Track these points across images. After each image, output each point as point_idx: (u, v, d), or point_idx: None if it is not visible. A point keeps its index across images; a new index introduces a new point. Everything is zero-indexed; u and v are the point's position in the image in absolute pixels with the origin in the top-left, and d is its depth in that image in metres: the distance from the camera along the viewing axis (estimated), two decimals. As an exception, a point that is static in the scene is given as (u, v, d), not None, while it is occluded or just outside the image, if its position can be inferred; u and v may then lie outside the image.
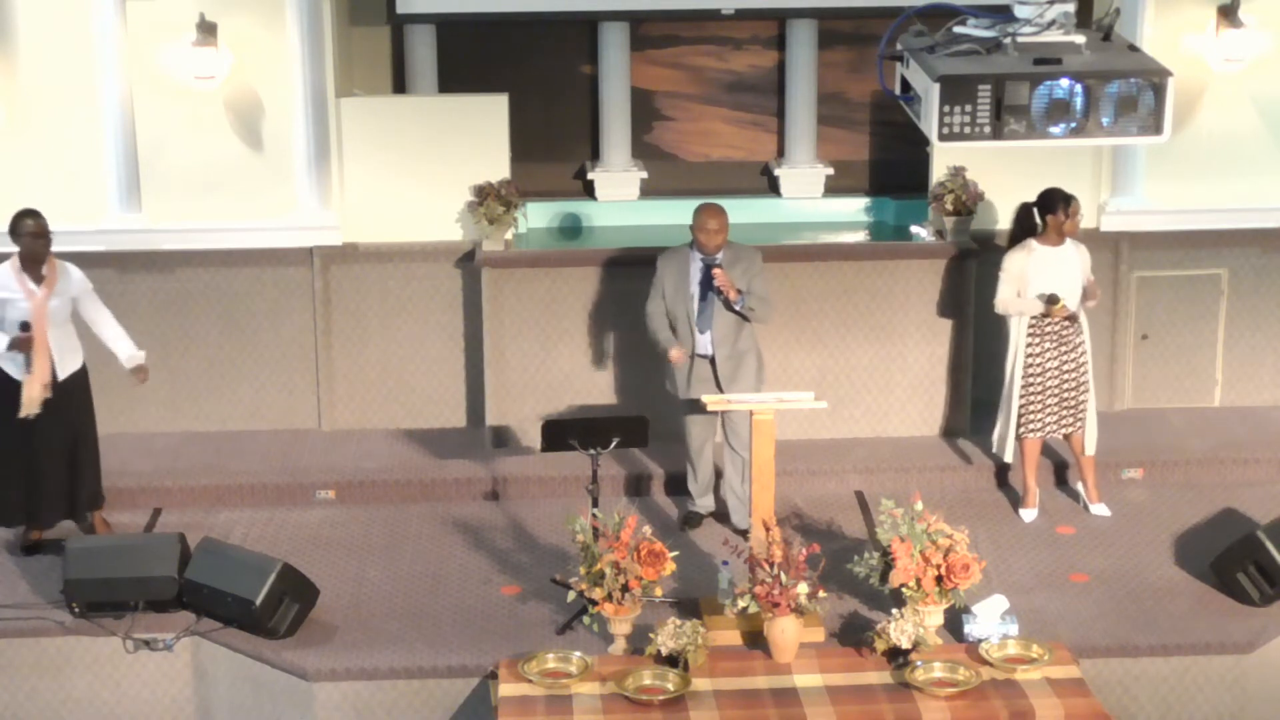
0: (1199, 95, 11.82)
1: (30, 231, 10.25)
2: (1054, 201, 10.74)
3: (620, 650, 9.50)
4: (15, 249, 10.35)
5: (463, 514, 11.25)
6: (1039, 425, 10.88)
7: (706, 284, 10.49)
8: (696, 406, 10.45)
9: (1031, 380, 10.82)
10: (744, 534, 10.27)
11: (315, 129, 11.69)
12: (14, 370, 10.32)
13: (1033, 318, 10.78)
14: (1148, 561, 10.56)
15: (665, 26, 12.82)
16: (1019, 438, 10.95)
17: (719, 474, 10.93)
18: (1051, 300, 10.66)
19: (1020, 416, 10.89)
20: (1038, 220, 10.83)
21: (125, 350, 10.59)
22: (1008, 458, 11.02)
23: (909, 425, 11.93)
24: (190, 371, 11.98)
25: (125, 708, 9.92)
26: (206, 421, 12.05)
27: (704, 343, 10.56)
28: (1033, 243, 10.81)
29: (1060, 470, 11.45)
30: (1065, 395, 10.84)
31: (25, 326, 10.23)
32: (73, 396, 10.49)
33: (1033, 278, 10.74)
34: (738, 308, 10.42)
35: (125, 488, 11.11)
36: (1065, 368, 10.81)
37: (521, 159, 12.19)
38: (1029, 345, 10.80)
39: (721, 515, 10.94)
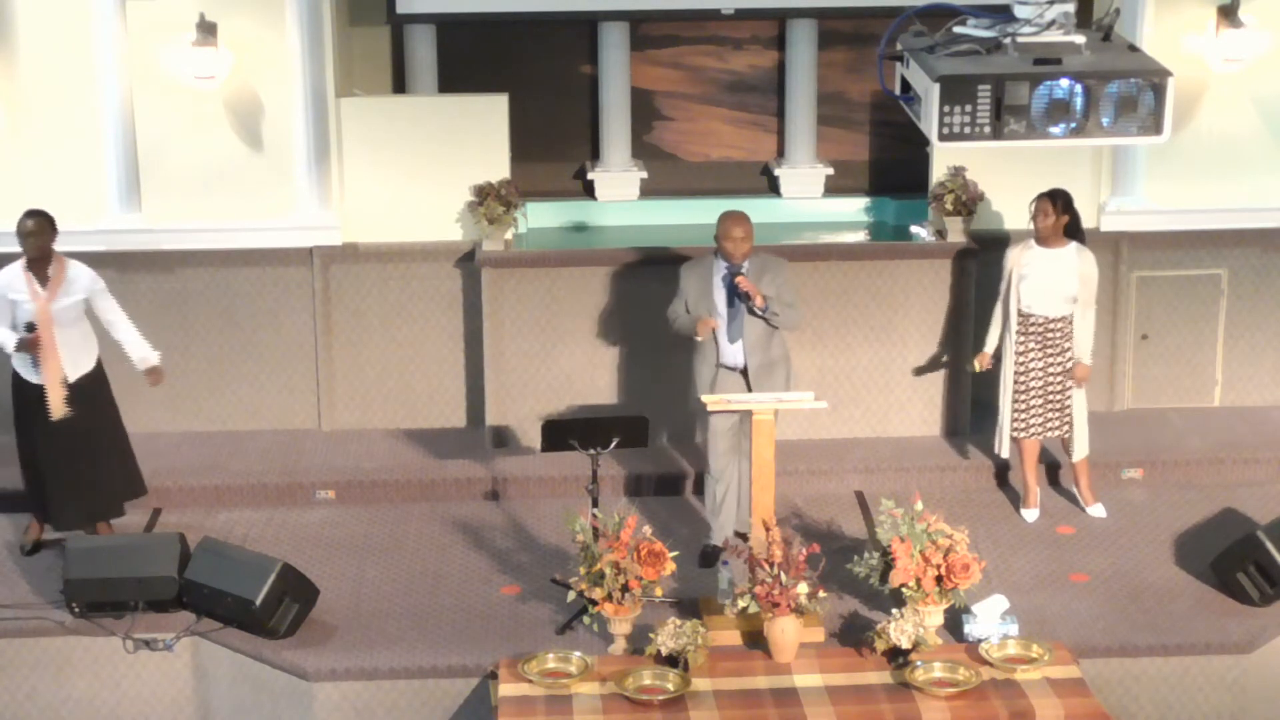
0: (1199, 95, 11.82)
1: (25, 231, 10.22)
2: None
3: (620, 650, 9.50)
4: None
5: (463, 514, 11.25)
6: (1025, 426, 10.88)
7: (733, 292, 10.25)
8: (722, 426, 10.30)
9: (1018, 380, 10.83)
10: (743, 537, 10.21)
11: (315, 129, 11.69)
12: (26, 372, 10.33)
13: (1020, 316, 10.75)
14: (1148, 561, 10.56)
15: (665, 26, 12.82)
16: (1014, 438, 10.95)
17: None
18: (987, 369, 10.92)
19: (1013, 416, 10.89)
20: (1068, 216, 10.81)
21: (138, 353, 10.55)
22: (1004, 454, 11.02)
23: (909, 425, 11.93)
24: (190, 371, 11.97)
25: (125, 708, 9.92)
26: (206, 421, 12.06)
27: (734, 353, 10.30)
28: (1032, 240, 10.80)
29: (1054, 471, 11.44)
30: (1050, 397, 10.83)
31: (30, 328, 10.22)
32: (85, 398, 10.43)
33: (1024, 275, 10.71)
34: (762, 313, 10.24)
35: (125, 488, 11.11)
36: (1051, 369, 10.80)
37: (521, 159, 12.18)
38: (1018, 345, 10.79)
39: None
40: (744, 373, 10.33)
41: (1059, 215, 10.70)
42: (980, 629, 9.54)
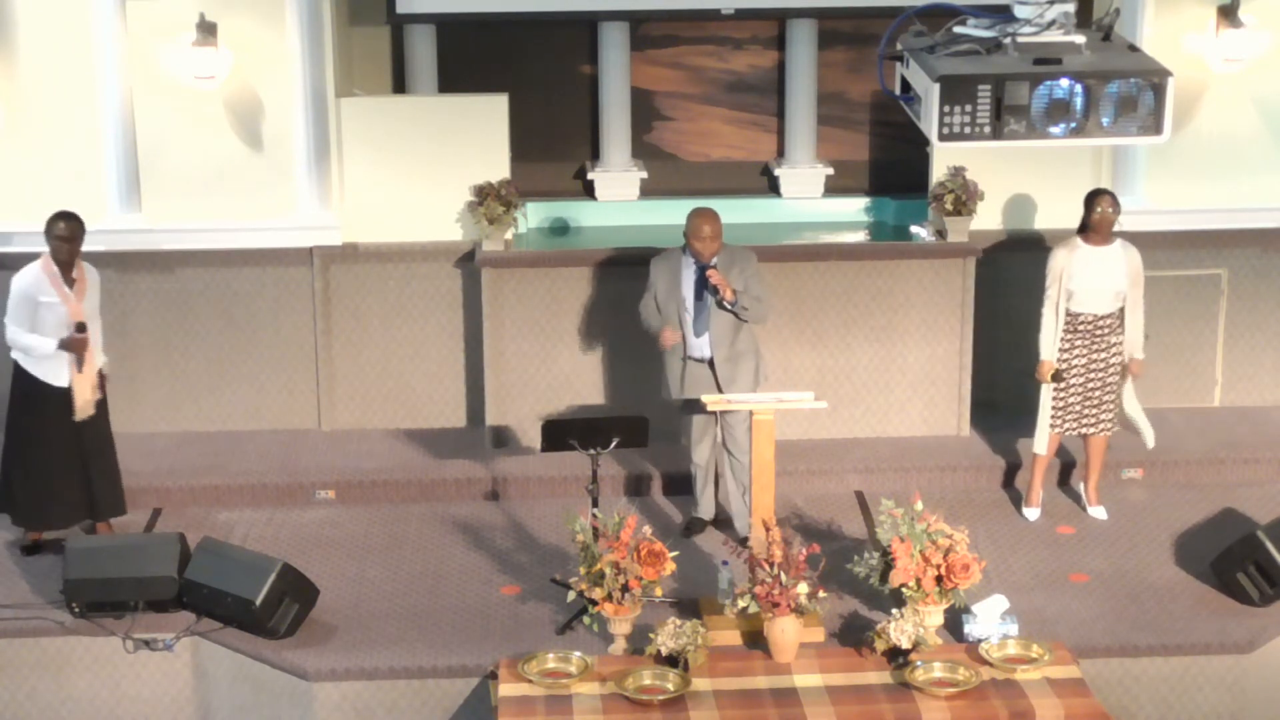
0: (1199, 95, 11.82)
1: (57, 235, 10.28)
2: (1088, 197, 10.73)
3: (620, 650, 9.50)
4: (44, 249, 10.39)
5: (463, 514, 11.25)
6: (1060, 422, 10.84)
7: (701, 286, 10.45)
8: (694, 410, 10.43)
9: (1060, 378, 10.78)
10: (743, 541, 10.19)
11: (315, 129, 11.69)
12: (49, 375, 10.32)
13: (1068, 316, 10.69)
14: (1148, 561, 10.56)
15: (665, 26, 12.81)
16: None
17: (718, 477, 10.91)
18: (1056, 377, 10.67)
19: (1051, 412, 10.81)
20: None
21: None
22: (1043, 451, 10.92)
23: (909, 425, 11.92)
24: (190, 371, 11.98)
25: (125, 708, 9.92)
26: (206, 421, 12.06)
27: (701, 345, 10.51)
28: (1077, 240, 10.76)
29: (1059, 470, 11.44)
30: (1090, 393, 10.80)
31: (81, 328, 10.27)
32: (100, 397, 10.56)
33: (1075, 275, 10.67)
34: (731, 307, 10.38)
35: (125, 488, 11.08)
36: (1094, 366, 10.76)
37: (521, 159, 12.19)
38: (1063, 344, 10.72)
39: (724, 520, 10.92)
40: (710, 364, 10.43)
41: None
42: (980, 629, 9.54)
